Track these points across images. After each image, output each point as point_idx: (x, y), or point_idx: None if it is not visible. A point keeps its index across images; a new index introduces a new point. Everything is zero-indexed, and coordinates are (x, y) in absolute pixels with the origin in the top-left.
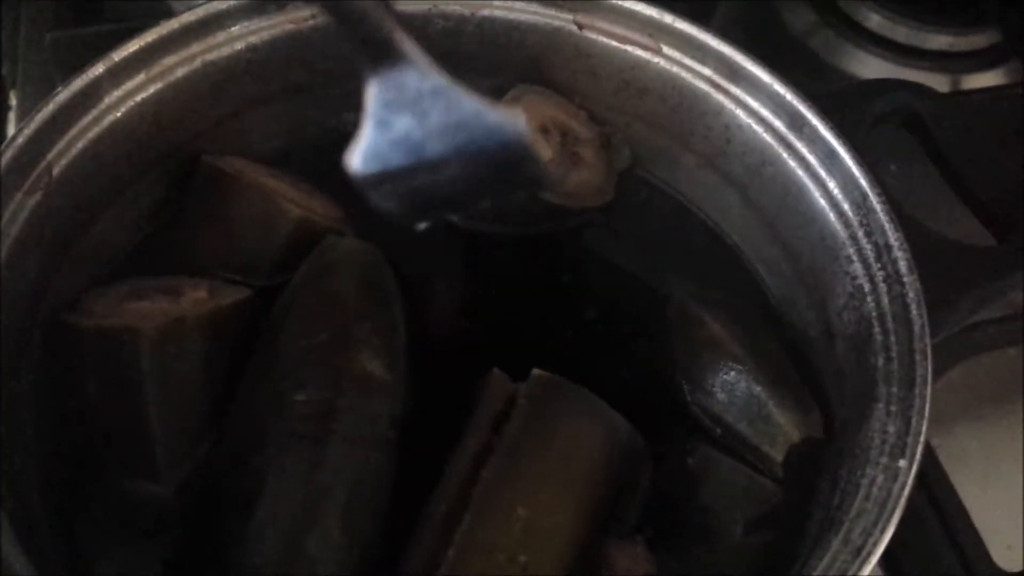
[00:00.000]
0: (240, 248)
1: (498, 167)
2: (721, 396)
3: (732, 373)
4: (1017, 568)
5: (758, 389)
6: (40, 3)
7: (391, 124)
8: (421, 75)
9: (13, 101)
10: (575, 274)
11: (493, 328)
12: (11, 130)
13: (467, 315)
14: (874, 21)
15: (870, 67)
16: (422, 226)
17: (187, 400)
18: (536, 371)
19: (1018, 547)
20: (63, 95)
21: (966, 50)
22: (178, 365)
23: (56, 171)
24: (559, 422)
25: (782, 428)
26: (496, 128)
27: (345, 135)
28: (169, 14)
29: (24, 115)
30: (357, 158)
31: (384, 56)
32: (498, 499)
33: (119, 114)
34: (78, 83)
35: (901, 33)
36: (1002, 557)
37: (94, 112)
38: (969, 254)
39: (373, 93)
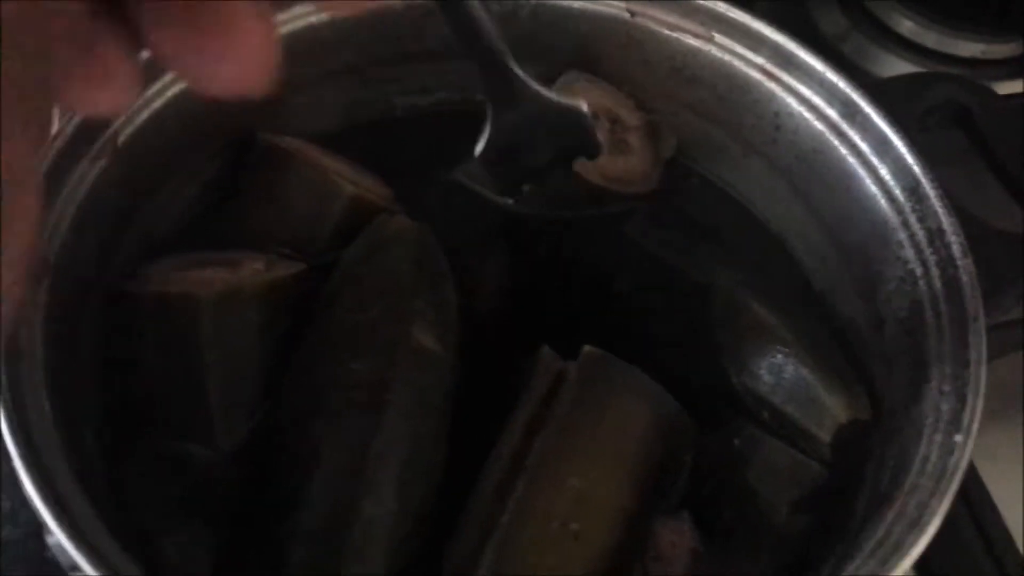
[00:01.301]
0: (294, 224)
1: (569, 140)
2: (767, 379)
3: (778, 356)
4: None
5: (805, 371)
6: None
7: (503, 126)
8: (523, 88)
9: None
10: (620, 258)
11: (539, 309)
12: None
13: (514, 295)
14: (905, 27)
15: (901, 72)
16: (510, 201)
17: (243, 367)
18: (587, 347)
19: None
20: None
21: (997, 58)
22: (235, 332)
23: (121, 140)
24: (609, 397)
25: (829, 410)
26: (567, 112)
27: (395, 118)
28: None
29: None
30: (484, 150)
31: (501, 85)
32: (551, 469)
33: (181, 86)
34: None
35: (932, 39)
36: None
37: (159, 84)
38: (1017, 243)
39: (492, 107)
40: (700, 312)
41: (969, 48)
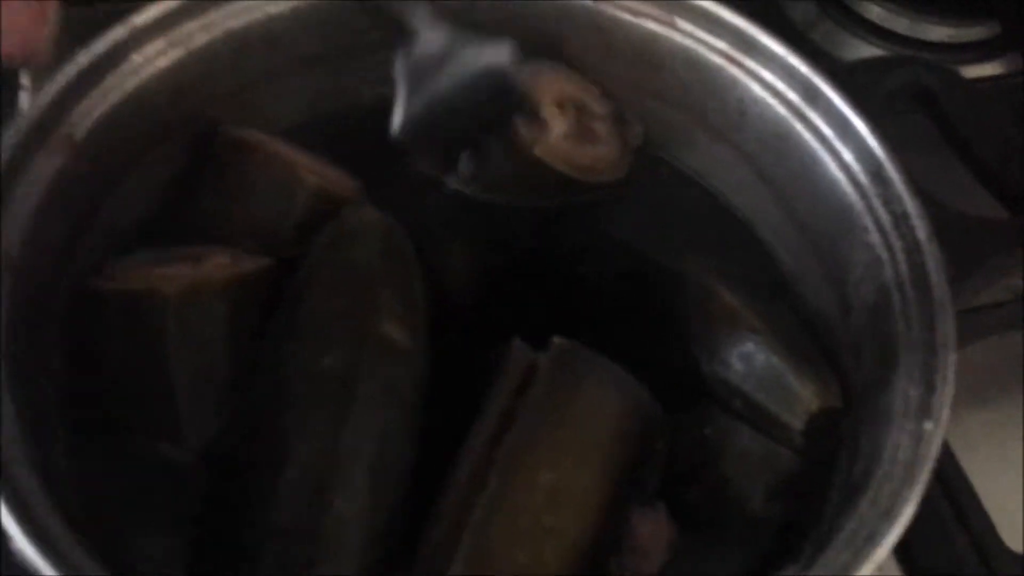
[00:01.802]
0: (259, 218)
1: (493, 92)
2: (738, 367)
3: (749, 344)
4: None
5: (775, 359)
6: None
7: (419, 88)
8: (432, 38)
9: (24, 80)
10: (589, 248)
11: (508, 299)
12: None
13: (482, 286)
14: (875, 12)
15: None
16: (453, 185)
17: (210, 363)
18: (557, 338)
19: None
20: (84, 58)
21: (965, 41)
22: (201, 328)
23: (77, 135)
24: (580, 388)
25: (801, 398)
26: (494, 63)
27: (360, 108)
28: None
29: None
30: (401, 125)
31: (403, 33)
32: (523, 463)
33: (140, 79)
34: (99, 46)
35: (901, 24)
36: (1011, 538)
37: (115, 76)
38: (983, 226)
39: (401, 68)
40: (670, 300)
41: (937, 32)
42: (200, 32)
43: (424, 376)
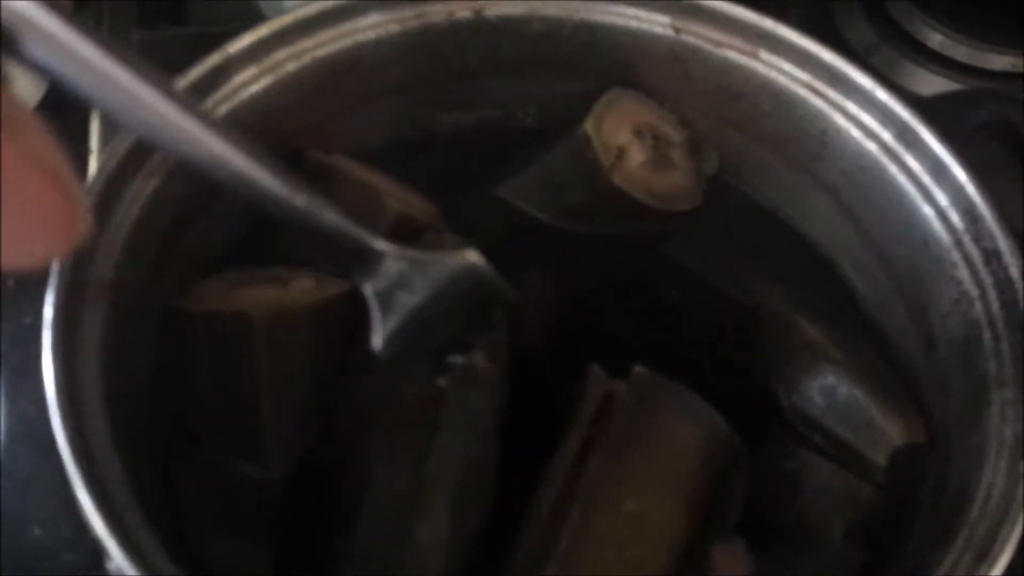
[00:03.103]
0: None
1: (473, 292)
2: (819, 400)
3: (830, 377)
4: None
5: (858, 393)
6: (125, 1)
7: (392, 307)
8: (397, 258)
9: (93, 144)
10: (664, 277)
11: (584, 327)
12: (94, 127)
13: (559, 314)
14: (936, 40)
15: (931, 85)
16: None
17: (296, 386)
18: (637, 367)
19: None
20: (181, 84)
21: None
22: (288, 351)
23: (171, 160)
24: (661, 418)
25: (884, 432)
26: (461, 266)
27: (439, 135)
28: (256, 16)
29: None
30: (380, 343)
31: (366, 259)
32: (605, 494)
33: (232, 105)
34: (196, 72)
35: (962, 52)
36: None
37: (209, 102)
38: None
39: (370, 290)
40: (748, 332)
41: (1000, 61)
42: (290, 60)
43: (505, 403)
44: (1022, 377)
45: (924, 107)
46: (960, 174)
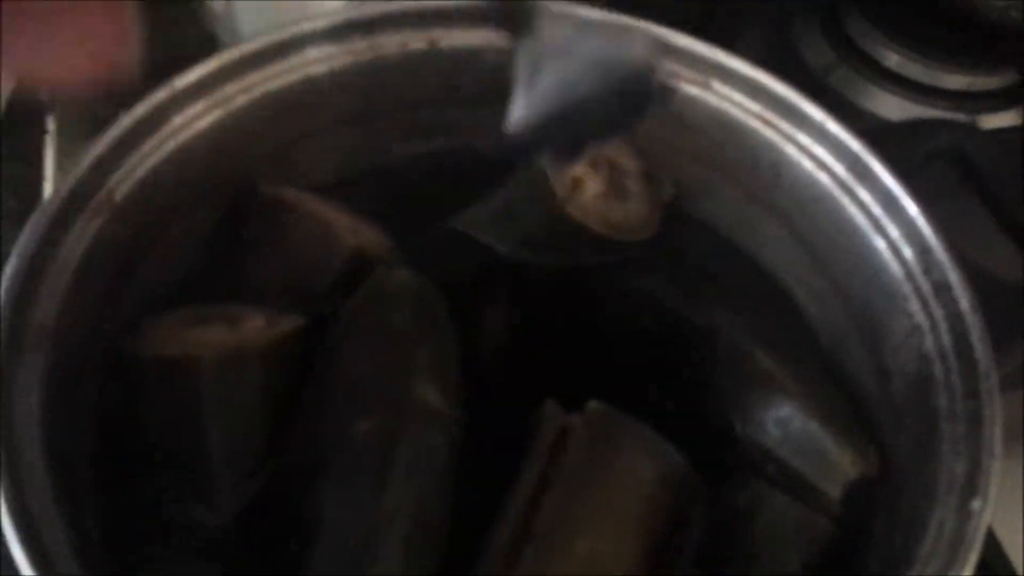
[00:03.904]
0: (295, 276)
1: (625, 85)
2: (774, 432)
3: (785, 408)
4: None
5: (813, 425)
6: None
7: (539, 79)
8: (555, 23)
9: (51, 126)
10: (620, 307)
11: (540, 360)
12: (49, 152)
13: (515, 346)
14: (892, 60)
15: (888, 105)
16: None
17: (246, 428)
18: (592, 403)
19: None
20: (127, 121)
21: (983, 90)
22: (237, 393)
23: (118, 197)
24: (617, 454)
25: (839, 465)
26: (619, 49)
27: (394, 165)
28: (213, 43)
29: (62, 139)
30: (517, 120)
31: (524, 20)
32: (559, 531)
33: (180, 140)
34: (141, 109)
35: (919, 72)
36: None
37: (156, 138)
38: (1021, 290)
39: (521, 60)
40: (704, 362)
41: (956, 81)
42: (240, 94)
43: (460, 439)
44: (973, 411)
45: (876, 136)
46: (911, 206)
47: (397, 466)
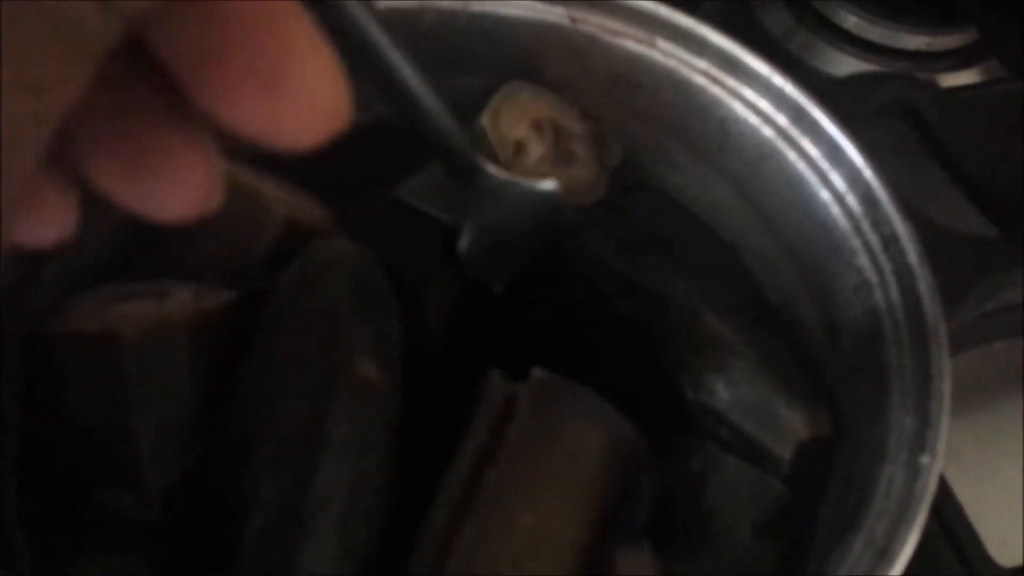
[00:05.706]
0: (225, 250)
1: (545, 219)
2: (725, 395)
3: (736, 371)
4: (1015, 563)
5: (763, 386)
6: None
7: (482, 214)
8: (492, 177)
9: None
10: (569, 273)
11: (487, 330)
12: None
13: (460, 317)
14: (851, 22)
15: (848, 67)
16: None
17: (172, 407)
18: (536, 371)
19: (1015, 542)
20: None
21: (942, 50)
22: (163, 369)
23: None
24: (561, 423)
25: (790, 425)
26: (538, 193)
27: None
28: None
29: None
30: (468, 245)
31: (470, 173)
32: (501, 505)
33: None
34: None
35: (877, 33)
36: (999, 552)
37: None
38: (973, 245)
39: (469, 198)
40: (653, 326)
41: (914, 41)
42: None
43: (399, 414)
44: (921, 367)
45: (825, 90)
46: (856, 157)
47: (330, 444)
